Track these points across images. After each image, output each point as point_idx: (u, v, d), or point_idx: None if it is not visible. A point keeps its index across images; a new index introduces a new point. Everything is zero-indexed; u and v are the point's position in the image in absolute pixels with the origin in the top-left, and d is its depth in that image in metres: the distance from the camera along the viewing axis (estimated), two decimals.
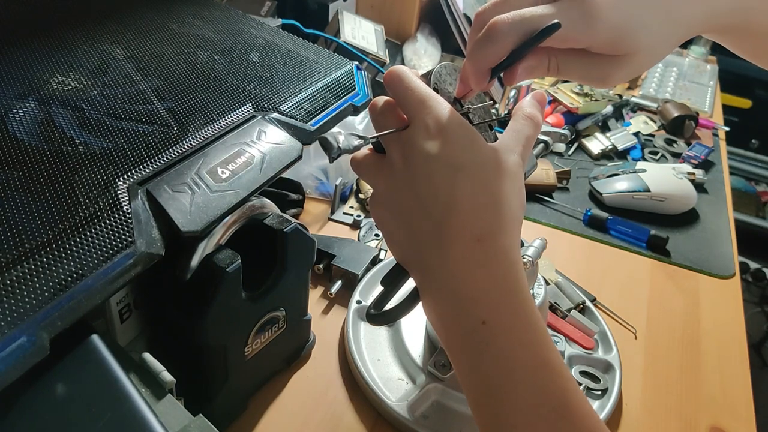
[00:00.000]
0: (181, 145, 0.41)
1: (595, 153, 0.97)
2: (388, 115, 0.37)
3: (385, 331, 0.59)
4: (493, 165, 0.35)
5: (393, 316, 0.38)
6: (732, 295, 0.72)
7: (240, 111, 0.46)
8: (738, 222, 0.96)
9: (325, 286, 0.64)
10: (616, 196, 0.84)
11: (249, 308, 0.45)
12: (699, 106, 1.17)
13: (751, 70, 2.13)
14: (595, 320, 0.63)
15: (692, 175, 0.90)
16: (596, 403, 0.54)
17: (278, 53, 0.56)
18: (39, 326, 0.29)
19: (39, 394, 0.30)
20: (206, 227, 0.37)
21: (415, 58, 1.02)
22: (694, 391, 0.58)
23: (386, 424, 0.51)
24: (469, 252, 0.33)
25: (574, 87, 1.07)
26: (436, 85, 0.38)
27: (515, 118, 0.38)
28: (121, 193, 0.36)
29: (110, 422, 0.29)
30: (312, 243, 0.48)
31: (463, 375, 0.35)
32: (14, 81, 0.43)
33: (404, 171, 0.35)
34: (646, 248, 0.77)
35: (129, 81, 0.46)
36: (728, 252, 0.79)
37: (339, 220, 0.75)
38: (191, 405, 0.35)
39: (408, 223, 0.35)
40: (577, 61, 0.35)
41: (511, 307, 0.33)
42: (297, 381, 0.54)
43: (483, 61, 0.34)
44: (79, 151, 0.38)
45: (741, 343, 0.65)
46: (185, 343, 0.43)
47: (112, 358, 0.32)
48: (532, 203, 0.84)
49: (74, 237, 0.32)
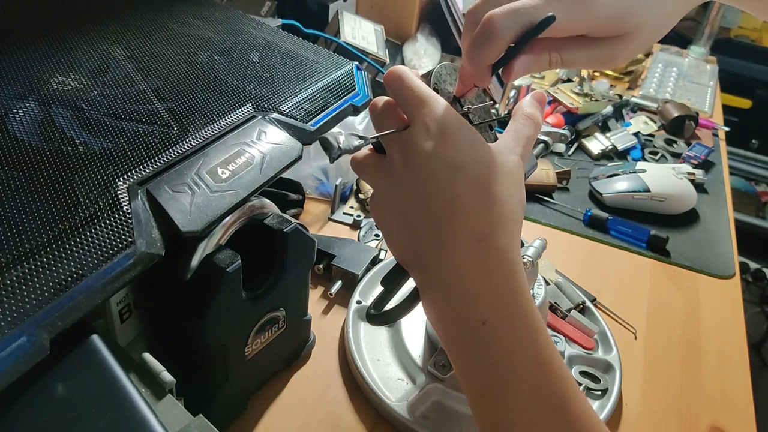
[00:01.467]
0: (181, 145, 0.41)
1: (595, 153, 0.97)
2: (389, 116, 0.37)
3: (385, 331, 0.59)
4: (493, 165, 0.35)
5: (393, 316, 0.38)
6: (732, 295, 0.72)
7: (240, 111, 0.46)
8: (738, 222, 0.95)
9: (325, 286, 0.64)
10: (616, 196, 0.84)
11: (249, 308, 0.45)
12: (699, 106, 1.17)
13: (751, 70, 2.14)
14: (595, 320, 0.63)
15: (692, 175, 0.90)
16: (596, 403, 0.54)
17: (278, 53, 0.56)
18: (39, 326, 0.29)
19: (39, 394, 0.30)
20: (206, 227, 0.37)
21: (415, 58, 1.02)
22: (694, 391, 0.58)
23: (386, 424, 0.51)
24: (469, 252, 0.33)
25: (574, 87, 1.07)
26: (436, 85, 0.38)
27: (515, 118, 0.38)
28: (121, 193, 0.36)
29: (110, 422, 0.29)
30: (312, 243, 0.48)
31: (463, 375, 0.35)
32: (14, 81, 0.43)
33: (404, 171, 0.35)
34: (646, 248, 0.77)
35: (129, 81, 0.46)
36: (728, 252, 0.79)
37: (339, 220, 0.75)
38: (191, 405, 0.35)
39: (408, 224, 0.35)
40: (580, 48, 0.35)
41: (511, 307, 0.33)
42: (297, 381, 0.54)
43: (482, 59, 0.34)
44: (79, 151, 0.38)
45: (741, 343, 0.65)
46: (185, 343, 0.43)
47: (112, 358, 0.32)
48: (532, 203, 0.84)
49: (74, 237, 0.32)
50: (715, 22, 1.46)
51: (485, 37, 0.32)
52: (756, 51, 2.18)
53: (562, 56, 0.35)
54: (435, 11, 1.07)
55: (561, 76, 1.15)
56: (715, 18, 1.46)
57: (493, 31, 0.32)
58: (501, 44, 0.33)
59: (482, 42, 0.33)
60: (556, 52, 0.34)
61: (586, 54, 0.35)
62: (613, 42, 0.34)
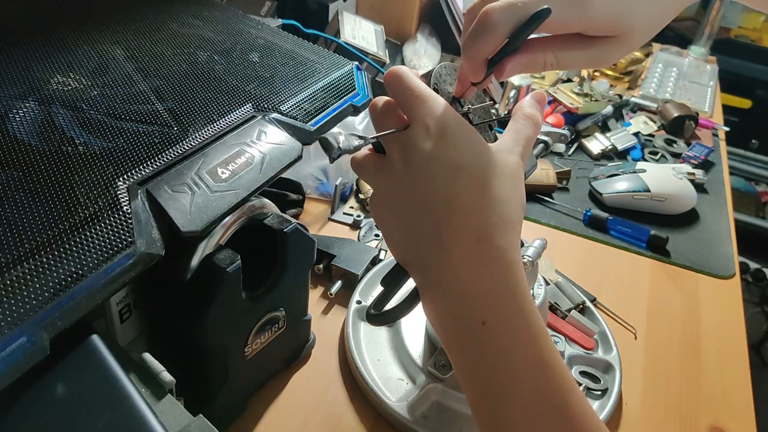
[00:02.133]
0: (181, 146, 0.41)
1: (595, 153, 0.97)
2: (388, 116, 0.37)
3: (385, 331, 0.59)
4: (493, 165, 0.35)
5: (393, 316, 0.38)
6: (732, 295, 0.72)
7: (240, 111, 0.46)
8: (738, 222, 0.95)
9: (325, 286, 0.64)
10: (616, 196, 0.84)
11: (249, 308, 0.45)
12: (699, 106, 1.17)
13: (751, 70, 2.14)
14: (595, 320, 0.63)
15: (692, 175, 0.90)
16: (596, 403, 0.54)
17: (278, 53, 0.56)
18: (39, 326, 0.29)
19: (39, 394, 0.30)
20: (206, 227, 0.37)
21: (415, 58, 1.02)
22: (694, 391, 0.58)
23: (386, 424, 0.51)
24: (469, 252, 0.33)
25: (574, 87, 1.07)
26: (436, 85, 0.38)
27: (515, 118, 0.38)
28: (121, 193, 0.36)
29: (110, 422, 0.29)
30: (312, 243, 0.48)
31: (463, 375, 0.35)
32: (14, 81, 0.43)
33: (404, 171, 0.35)
34: (646, 248, 0.77)
35: (129, 81, 0.46)
36: (728, 252, 0.79)
37: (339, 220, 0.75)
38: (191, 405, 0.35)
39: (408, 224, 0.35)
40: (574, 48, 0.35)
41: (511, 307, 0.33)
42: (297, 381, 0.54)
43: (478, 53, 0.34)
44: (79, 152, 0.38)
45: (741, 343, 0.65)
46: (185, 343, 0.43)
47: (112, 358, 0.32)
48: (532, 203, 0.84)
49: (74, 237, 0.32)
50: (715, 22, 1.46)
51: (481, 30, 0.33)
52: (756, 51, 2.18)
53: (556, 56, 0.35)
54: (435, 11, 1.07)
55: (561, 76, 1.15)
56: (715, 18, 1.46)
57: (489, 25, 0.32)
58: (497, 38, 0.33)
59: (478, 35, 0.33)
60: (550, 52, 0.35)
61: (580, 54, 0.35)
62: (607, 42, 0.35)
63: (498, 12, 0.32)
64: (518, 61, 0.35)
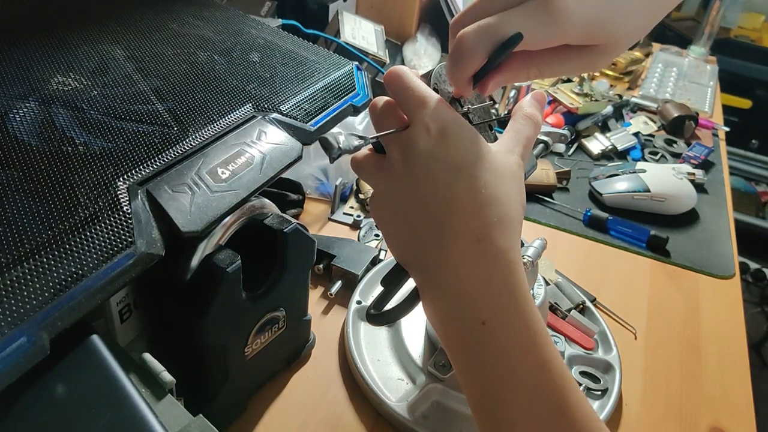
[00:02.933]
0: (181, 146, 0.41)
1: (595, 153, 0.97)
2: (388, 116, 0.37)
3: (385, 331, 0.59)
4: (493, 165, 0.35)
5: (393, 316, 0.38)
6: (732, 295, 0.72)
7: (240, 111, 0.46)
8: (738, 222, 0.95)
9: (325, 286, 0.64)
10: (616, 196, 0.84)
11: (249, 308, 0.45)
12: (699, 107, 1.17)
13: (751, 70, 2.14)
14: (595, 320, 0.63)
15: (692, 175, 0.90)
16: (596, 403, 0.54)
17: (278, 53, 0.56)
18: (39, 326, 0.29)
19: (39, 394, 0.30)
20: (206, 227, 0.37)
21: (415, 58, 1.02)
22: (694, 391, 0.58)
23: (386, 424, 0.51)
24: (469, 252, 0.33)
25: (574, 87, 1.07)
26: (436, 85, 0.38)
27: (515, 118, 0.38)
28: (121, 193, 0.36)
29: (110, 422, 0.29)
30: (312, 243, 0.48)
31: (463, 375, 0.35)
32: (14, 81, 0.43)
33: (404, 171, 0.35)
34: (646, 248, 0.77)
35: (129, 81, 0.46)
36: (728, 252, 0.79)
37: (339, 221, 0.75)
38: (191, 405, 0.35)
39: (408, 224, 0.35)
40: (559, 58, 0.34)
41: (511, 307, 0.33)
42: (297, 381, 0.54)
43: (460, 74, 0.34)
44: (79, 152, 0.38)
45: (741, 343, 0.65)
46: (185, 343, 0.43)
47: (112, 359, 0.32)
48: (532, 203, 0.84)
49: (74, 237, 0.32)
50: (715, 22, 1.46)
51: (458, 55, 0.33)
52: (756, 51, 2.18)
53: (539, 69, 0.35)
54: (435, 11, 1.07)
55: (561, 77, 1.15)
56: (715, 18, 1.46)
57: (464, 50, 0.32)
58: (475, 61, 0.33)
59: (457, 59, 0.33)
60: (534, 66, 0.34)
61: (564, 65, 0.35)
62: (591, 50, 0.34)
63: (471, 37, 0.32)
64: (500, 78, 0.35)
